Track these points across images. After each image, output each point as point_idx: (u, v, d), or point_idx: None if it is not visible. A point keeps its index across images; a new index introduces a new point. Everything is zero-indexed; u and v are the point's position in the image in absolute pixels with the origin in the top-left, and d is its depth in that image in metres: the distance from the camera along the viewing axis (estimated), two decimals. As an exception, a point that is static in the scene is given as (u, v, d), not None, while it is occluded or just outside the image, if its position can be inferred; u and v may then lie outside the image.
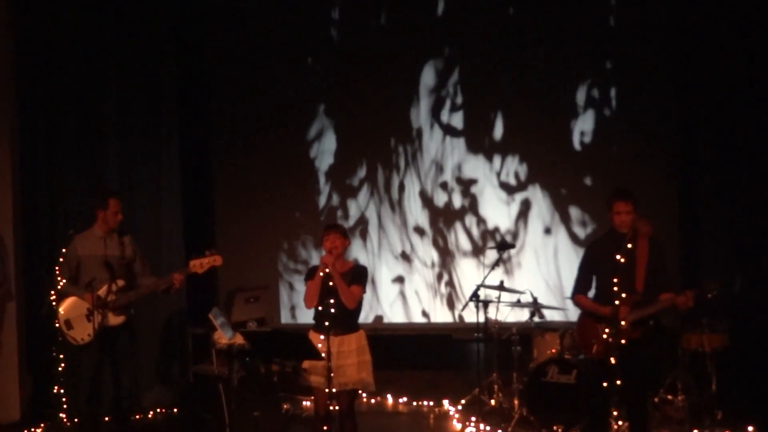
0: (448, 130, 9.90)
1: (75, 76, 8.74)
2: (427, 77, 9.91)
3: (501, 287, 8.03)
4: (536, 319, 8.04)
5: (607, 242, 6.25)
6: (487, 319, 8.08)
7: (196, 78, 9.96)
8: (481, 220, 9.81)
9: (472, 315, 8.26)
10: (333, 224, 6.43)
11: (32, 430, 7.91)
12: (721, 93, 8.37)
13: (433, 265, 9.93)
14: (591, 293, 6.43)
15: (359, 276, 6.13)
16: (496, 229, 9.75)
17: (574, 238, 9.57)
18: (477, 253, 9.78)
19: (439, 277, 9.91)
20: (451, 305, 9.87)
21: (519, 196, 9.72)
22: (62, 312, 6.96)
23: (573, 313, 8.56)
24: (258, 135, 10.16)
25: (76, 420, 7.21)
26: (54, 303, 7.25)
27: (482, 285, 8.04)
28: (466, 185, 9.84)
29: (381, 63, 9.89)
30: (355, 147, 10.10)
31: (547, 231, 9.63)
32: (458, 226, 9.87)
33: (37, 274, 8.45)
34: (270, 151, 10.16)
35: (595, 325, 6.21)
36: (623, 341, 6.02)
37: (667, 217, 8.89)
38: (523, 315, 8.36)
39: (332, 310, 5.89)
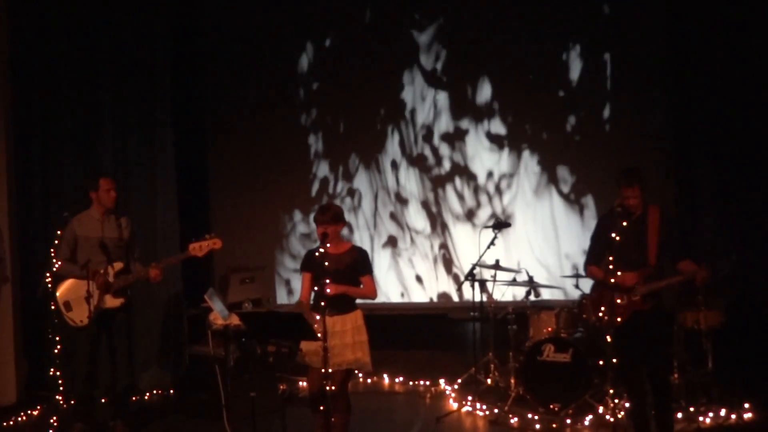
0: (439, 90, 9.89)
1: (69, 59, 8.69)
2: (421, 39, 9.90)
3: (497, 266, 8.02)
4: (532, 297, 8.04)
5: (619, 216, 6.20)
6: (483, 292, 8.08)
7: (190, 60, 9.92)
8: (471, 178, 9.82)
9: (468, 294, 8.26)
10: (322, 209, 6.09)
11: (29, 412, 7.91)
12: (718, 64, 8.28)
13: (426, 230, 9.97)
14: None
15: (363, 264, 6.07)
16: (489, 180, 9.76)
17: (564, 196, 9.59)
18: (470, 216, 9.79)
19: (433, 241, 9.94)
20: (449, 270, 9.89)
21: (507, 154, 9.74)
22: (60, 294, 6.96)
23: (570, 291, 8.60)
24: (250, 115, 10.18)
25: (72, 402, 7.22)
26: (50, 285, 7.24)
27: (478, 264, 8.04)
28: (456, 146, 9.85)
29: (371, 33, 9.93)
30: (347, 121, 10.11)
31: (541, 177, 9.68)
32: (449, 189, 9.90)
33: (33, 256, 8.44)
34: (262, 131, 10.17)
35: (611, 294, 6.16)
36: (619, 320, 6.01)
37: (661, 190, 8.85)
38: (519, 293, 8.36)
39: (327, 291, 5.85)
